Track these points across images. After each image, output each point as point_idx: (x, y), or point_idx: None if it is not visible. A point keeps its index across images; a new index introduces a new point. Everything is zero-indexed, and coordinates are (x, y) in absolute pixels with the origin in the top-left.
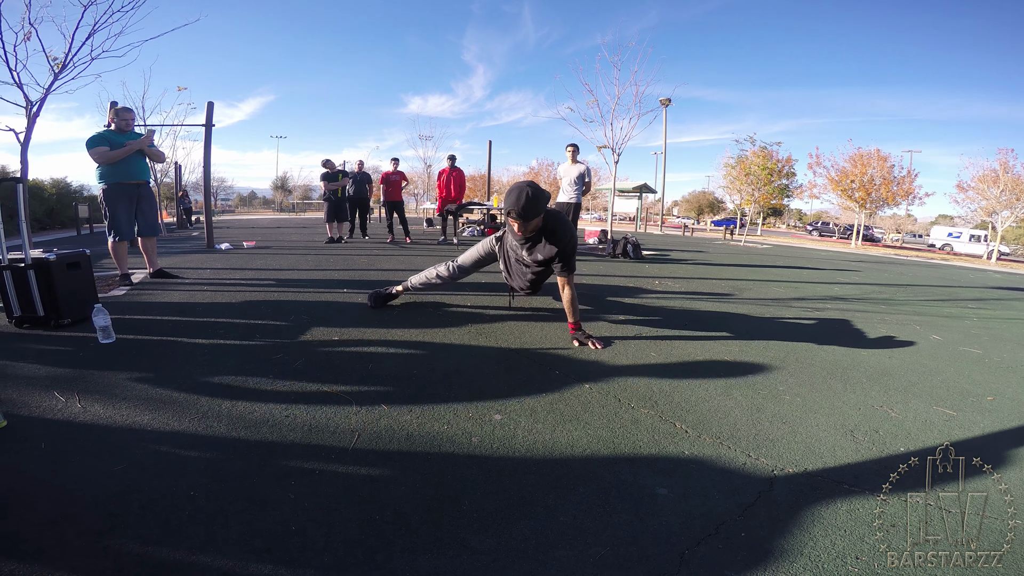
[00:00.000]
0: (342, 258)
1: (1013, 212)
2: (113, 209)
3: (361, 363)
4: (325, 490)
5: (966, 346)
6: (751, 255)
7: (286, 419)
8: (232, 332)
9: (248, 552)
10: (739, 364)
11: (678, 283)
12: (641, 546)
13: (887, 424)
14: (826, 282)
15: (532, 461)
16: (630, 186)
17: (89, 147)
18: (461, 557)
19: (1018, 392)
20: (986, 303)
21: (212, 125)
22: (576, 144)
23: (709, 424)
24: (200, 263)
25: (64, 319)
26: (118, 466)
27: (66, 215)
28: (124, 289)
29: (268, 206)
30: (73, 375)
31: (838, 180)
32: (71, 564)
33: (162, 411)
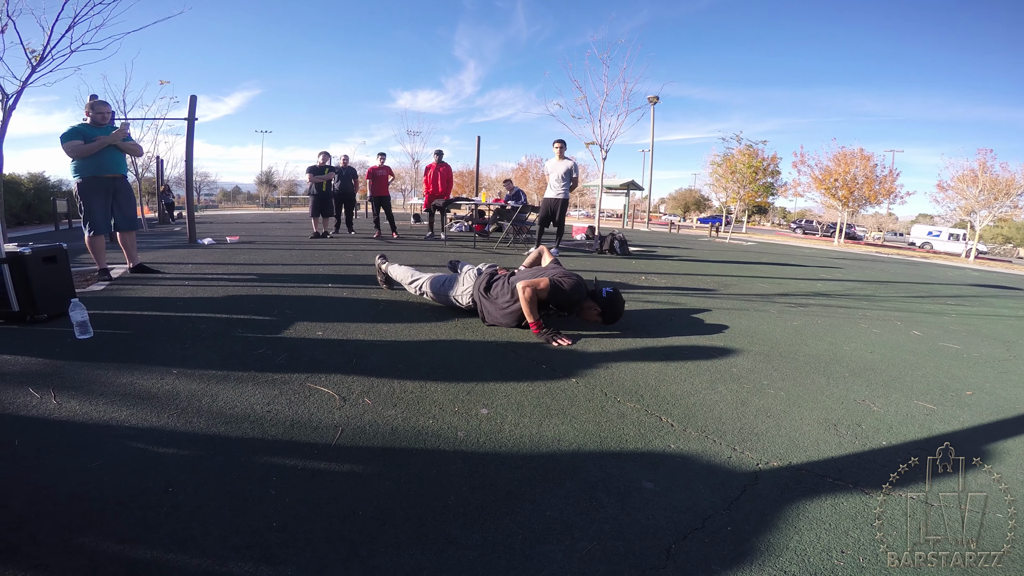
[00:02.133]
0: (327, 253)
1: (991, 211)
2: (88, 203)
3: (345, 358)
4: (307, 486)
5: (945, 341)
6: (736, 252)
7: (268, 414)
8: (213, 327)
9: (228, 549)
10: (724, 358)
11: (664, 279)
12: (627, 540)
13: (869, 418)
14: (809, 279)
15: (518, 455)
16: (618, 183)
17: (63, 141)
18: (446, 552)
19: (996, 386)
20: (964, 300)
21: (195, 119)
22: (563, 140)
23: (695, 418)
24: (182, 258)
25: (40, 314)
26: (94, 463)
27: (44, 210)
28: (103, 284)
29: (252, 201)
30: (49, 371)
31: (822, 179)
32: (45, 562)
33: (140, 407)
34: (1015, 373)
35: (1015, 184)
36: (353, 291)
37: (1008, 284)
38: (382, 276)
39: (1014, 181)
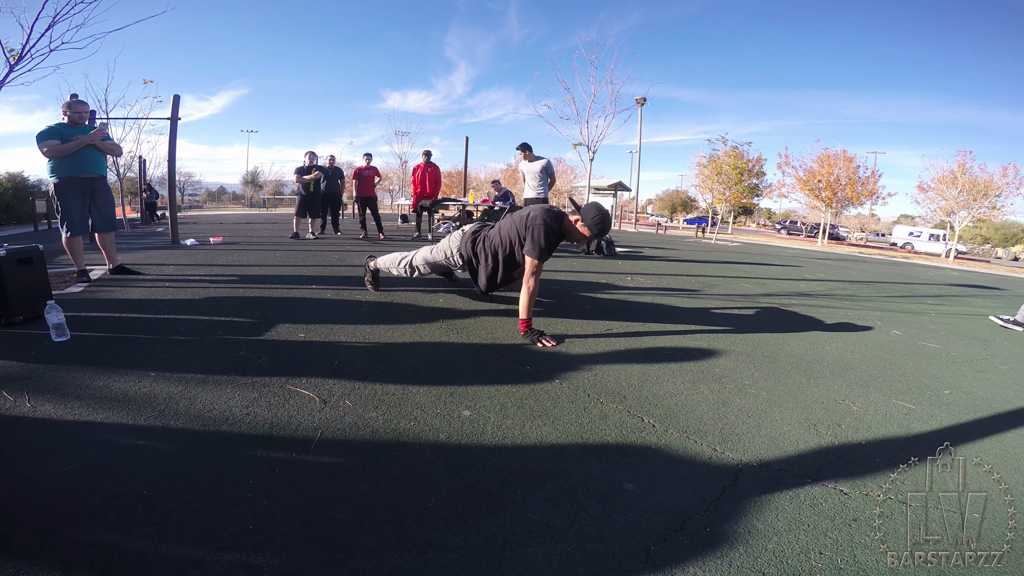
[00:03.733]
0: (312, 254)
1: (970, 212)
2: (65, 204)
3: (327, 360)
4: (284, 488)
5: (924, 341)
6: (721, 252)
7: (246, 417)
8: (194, 329)
9: (204, 552)
10: (707, 358)
11: (650, 279)
12: (608, 542)
13: (848, 418)
14: (792, 278)
15: (500, 457)
16: (605, 184)
17: (39, 140)
18: (426, 555)
19: (973, 386)
20: (944, 300)
21: (178, 118)
22: (526, 143)
23: (676, 418)
24: (163, 259)
25: (15, 316)
26: (68, 466)
27: (22, 211)
28: (81, 286)
29: (238, 201)
30: (23, 373)
31: (806, 180)
32: (17, 565)
33: (116, 409)
34: (993, 372)
35: (993, 185)
36: (337, 292)
37: (987, 284)
38: (370, 275)
39: (992, 182)
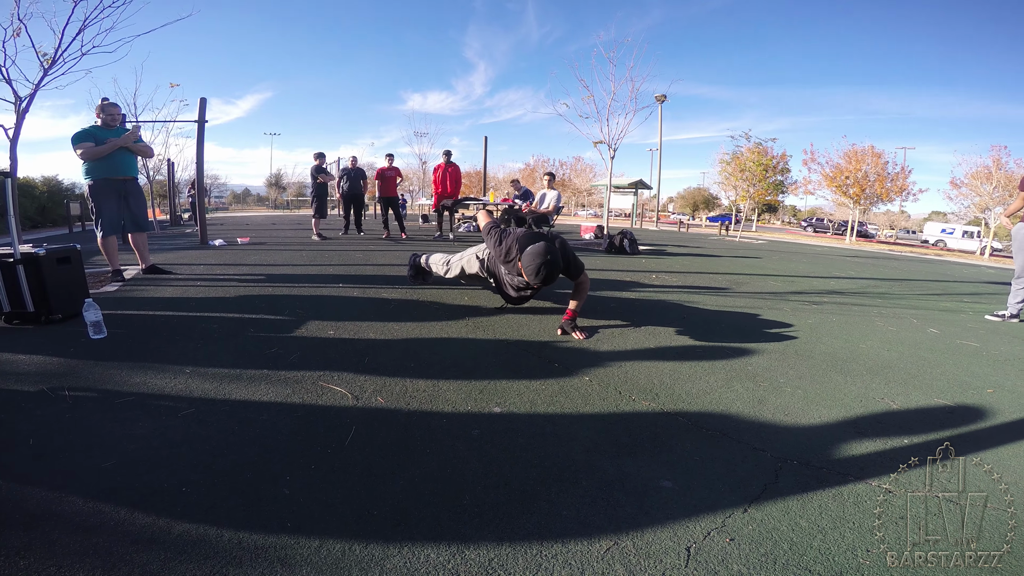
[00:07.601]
0: (337, 254)
1: (1006, 208)
2: (99, 205)
3: (357, 357)
4: (320, 486)
5: (963, 339)
6: (747, 250)
7: (280, 413)
8: (225, 327)
9: (242, 550)
10: (739, 356)
11: (675, 277)
12: (647, 541)
13: (889, 416)
14: (822, 276)
15: (533, 454)
16: (626, 182)
17: (74, 143)
18: (462, 553)
19: (1017, 384)
20: (981, 297)
21: (205, 121)
22: (553, 173)
23: (711, 416)
24: (194, 259)
25: (55, 314)
26: (108, 462)
27: (58, 213)
28: (116, 285)
29: (262, 203)
30: (63, 370)
31: (832, 176)
32: (59, 562)
33: (153, 406)
34: None
35: None
36: (364, 291)
37: None
38: (414, 270)
39: None
